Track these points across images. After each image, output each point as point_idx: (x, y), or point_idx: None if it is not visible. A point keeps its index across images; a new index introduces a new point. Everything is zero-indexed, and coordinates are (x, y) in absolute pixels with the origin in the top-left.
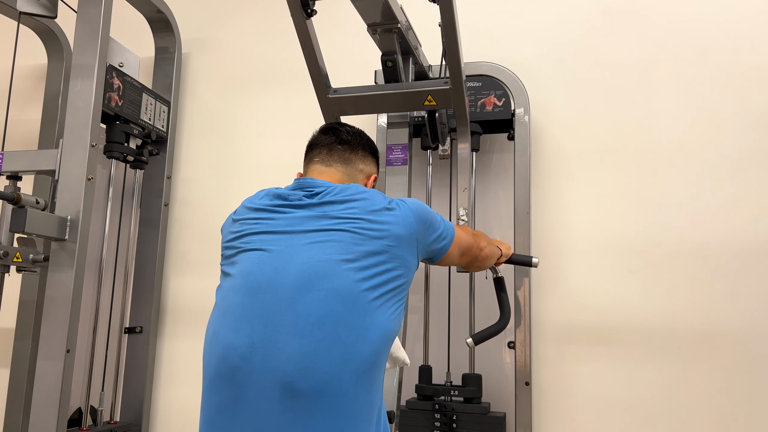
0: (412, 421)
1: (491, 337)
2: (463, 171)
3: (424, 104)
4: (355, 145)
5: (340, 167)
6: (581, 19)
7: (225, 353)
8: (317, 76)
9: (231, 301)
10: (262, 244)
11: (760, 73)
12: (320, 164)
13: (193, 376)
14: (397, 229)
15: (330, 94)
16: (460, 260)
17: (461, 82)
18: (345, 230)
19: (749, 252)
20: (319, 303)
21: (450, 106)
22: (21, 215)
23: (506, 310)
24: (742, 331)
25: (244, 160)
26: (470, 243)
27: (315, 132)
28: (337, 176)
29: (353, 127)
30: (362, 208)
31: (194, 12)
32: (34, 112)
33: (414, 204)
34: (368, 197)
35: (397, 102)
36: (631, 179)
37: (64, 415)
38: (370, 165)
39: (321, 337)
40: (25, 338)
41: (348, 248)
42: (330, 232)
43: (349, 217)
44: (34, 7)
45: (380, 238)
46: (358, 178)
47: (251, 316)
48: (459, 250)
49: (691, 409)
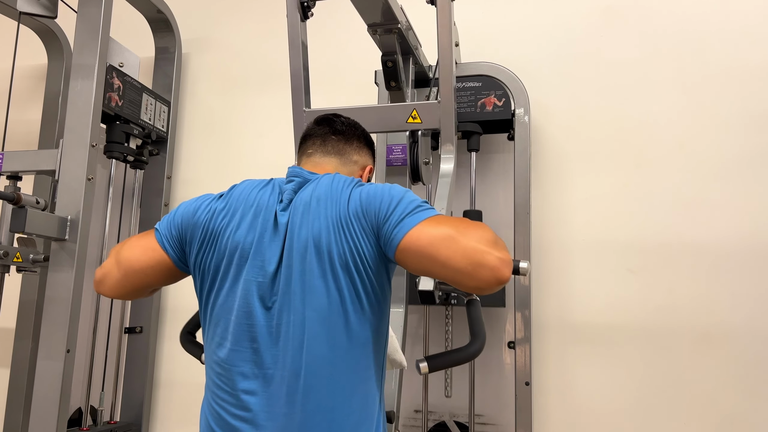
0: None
1: (453, 366)
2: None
3: (408, 122)
4: (349, 136)
5: (335, 158)
6: (581, 19)
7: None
8: (298, 85)
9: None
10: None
11: (759, 73)
12: (314, 155)
13: (193, 376)
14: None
15: (305, 107)
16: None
17: (451, 96)
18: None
19: (749, 252)
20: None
21: (436, 124)
22: (21, 215)
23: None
24: (741, 331)
25: (244, 160)
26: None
27: (309, 123)
28: (330, 167)
29: (348, 118)
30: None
31: (194, 12)
32: (34, 112)
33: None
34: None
35: (376, 121)
36: (631, 179)
37: (64, 415)
38: (365, 156)
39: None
40: (25, 338)
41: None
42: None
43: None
44: (34, 7)
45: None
46: (353, 170)
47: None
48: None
49: (691, 409)
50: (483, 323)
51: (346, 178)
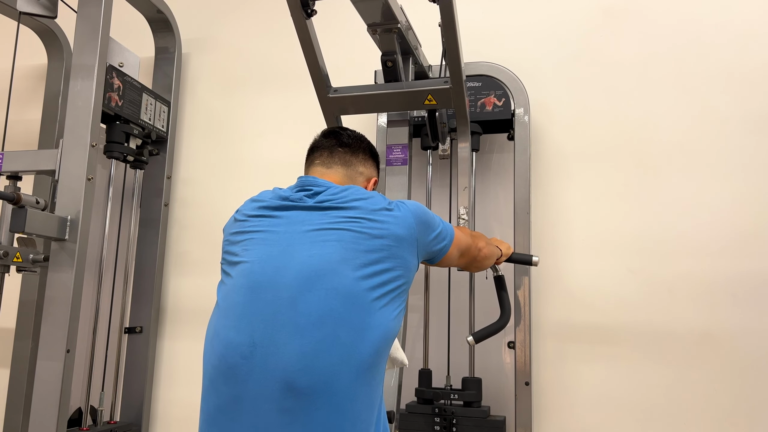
0: (412, 425)
1: (492, 335)
2: (464, 171)
3: (424, 104)
4: (355, 148)
5: (341, 169)
6: (581, 19)
7: (226, 352)
8: (317, 76)
9: (232, 300)
10: (264, 243)
11: (760, 73)
12: (321, 166)
13: (193, 376)
14: (396, 229)
15: (330, 94)
16: (460, 261)
17: (461, 81)
18: (346, 230)
19: (749, 251)
20: (319, 302)
21: (450, 105)
22: (21, 215)
23: (507, 308)
24: (741, 331)
25: (244, 160)
26: (469, 244)
27: (316, 135)
28: (337, 178)
29: (354, 131)
30: (363, 208)
31: (194, 12)
32: (34, 112)
33: (413, 205)
34: (368, 198)
35: (398, 101)
36: (631, 179)
37: (64, 415)
38: (370, 168)
39: (321, 337)
40: (25, 338)
41: (348, 248)
42: (331, 231)
43: (350, 218)
44: (34, 7)
45: (380, 238)
46: (358, 181)
47: (252, 315)
48: (458, 250)
49: (691, 409)
50: (509, 297)
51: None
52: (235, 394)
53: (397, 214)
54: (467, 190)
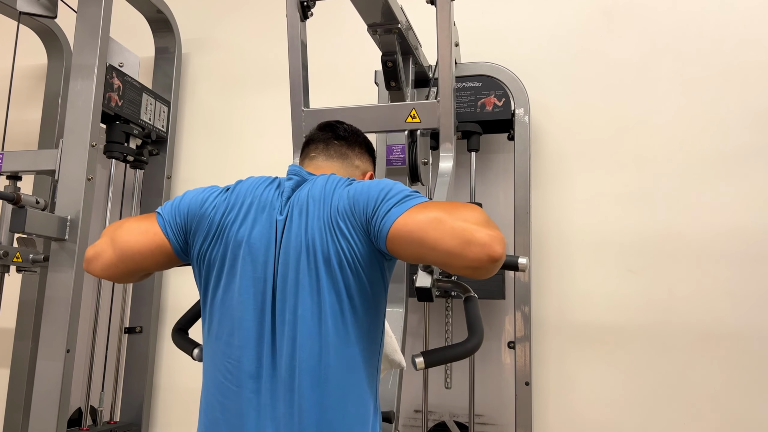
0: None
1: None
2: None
3: (406, 121)
4: (351, 142)
5: (337, 162)
6: (581, 19)
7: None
8: (297, 84)
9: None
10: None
11: (759, 72)
12: (317, 159)
13: (193, 376)
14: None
15: (304, 107)
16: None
17: (451, 95)
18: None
19: (749, 251)
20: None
21: (435, 124)
22: (21, 215)
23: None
24: (741, 331)
25: (244, 160)
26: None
27: (312, 128)
28: (332, 171)
29: (350, 125)
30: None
31: (194, 12)
32: (34, 112)
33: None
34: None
35: (375, 121)
36: (631, 179)
37: (64, 415)
38: (366, 162)
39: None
40: (25, 338)
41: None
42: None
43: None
44: (34, 7)
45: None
46: (354, 174)
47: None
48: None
49: (691, 409)
50: (481, 320)
51: (340, 177)
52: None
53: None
54: None
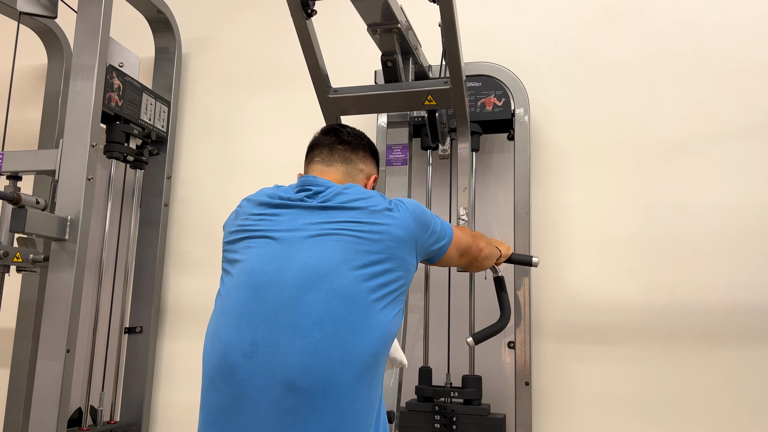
0: (411, 423)
1: (492, 336)
2: (464, 171)
3: (424, 104)
4: (355, 146)
5: (341, 167)
6: (581, 19)
7: (226, 351)
8: (317, 77)
9: (233, 298)
10: (265, 242)
11: (760, 73)
12: (321, 164)
13: (193, 376)
14: (396, 230)
15: (330, 94)
16: (460, 261)
17: (461, 82)
18: (346, 230)
19: (749, 251)
20: (319, 302)
21: (450, 106)
22: (21, 215)
23: (506, 309)
24: (741, 331)
25: (244, 160)
26: (469, 243)
27: (316, 133)
28: (337, 176)
29: (354, 129)
30: (363, 209)
31: (194, 12)
32: (34, 112)
33: (412, 205)
34: (368, 198)
35: (398, 102)
36: (631, 179)
37: (64, 415)
38: (370, 165)
39: (321, 337)
40: (25, 338)
41: (349, 249)
42: (331, 231)
43: (351, 219)
44: (34, 7)
45: (380, 241)
46: (358, 178)
47: (253, 315)
48: (458, 250)
49: (691, 409)
50: (509, 298)
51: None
52: (236, 394)
53: (396, 215)
54: (467, 190)
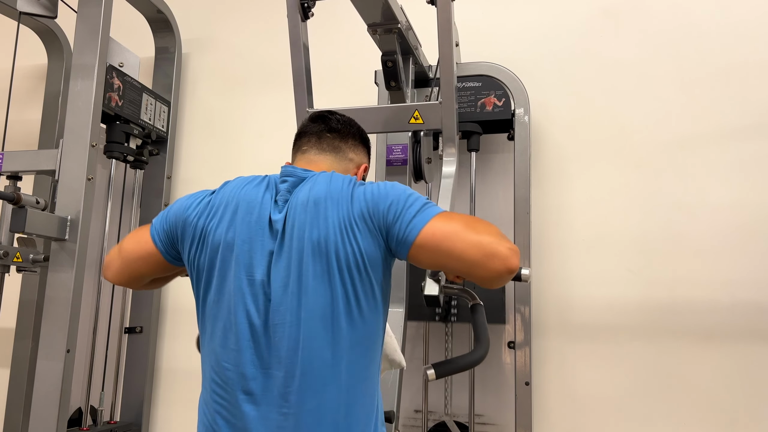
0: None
1: (460, 372)
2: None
3: (410, 122)
4: (345, 134)
5: (330, 156)
6: (581, 19)
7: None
8: (300, 86)
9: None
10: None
11: (760, 73)
12: (309, 153)
13: (193, 376)
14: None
15: (309, 108)
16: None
17: (452, 97)
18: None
19: (749, 251)
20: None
21: (438, 125)
22: (21, 215)
23: (484, 340)
24: (741, 331)
25: (244, 160)
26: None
27: (304, 120)
28: (326, 165)
29: (343, 116)
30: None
31: (194, 12)
32: (34, 112)
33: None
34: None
35: (379, 122)
36: (631, 179)
37: (64, 415)
38: (360, 154)
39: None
40: (25, 338)
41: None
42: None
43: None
44: (34, 7)
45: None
46: (348, 168)
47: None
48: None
49: (691, 409)
50: (487, 328)
51: (344, 176)
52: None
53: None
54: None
